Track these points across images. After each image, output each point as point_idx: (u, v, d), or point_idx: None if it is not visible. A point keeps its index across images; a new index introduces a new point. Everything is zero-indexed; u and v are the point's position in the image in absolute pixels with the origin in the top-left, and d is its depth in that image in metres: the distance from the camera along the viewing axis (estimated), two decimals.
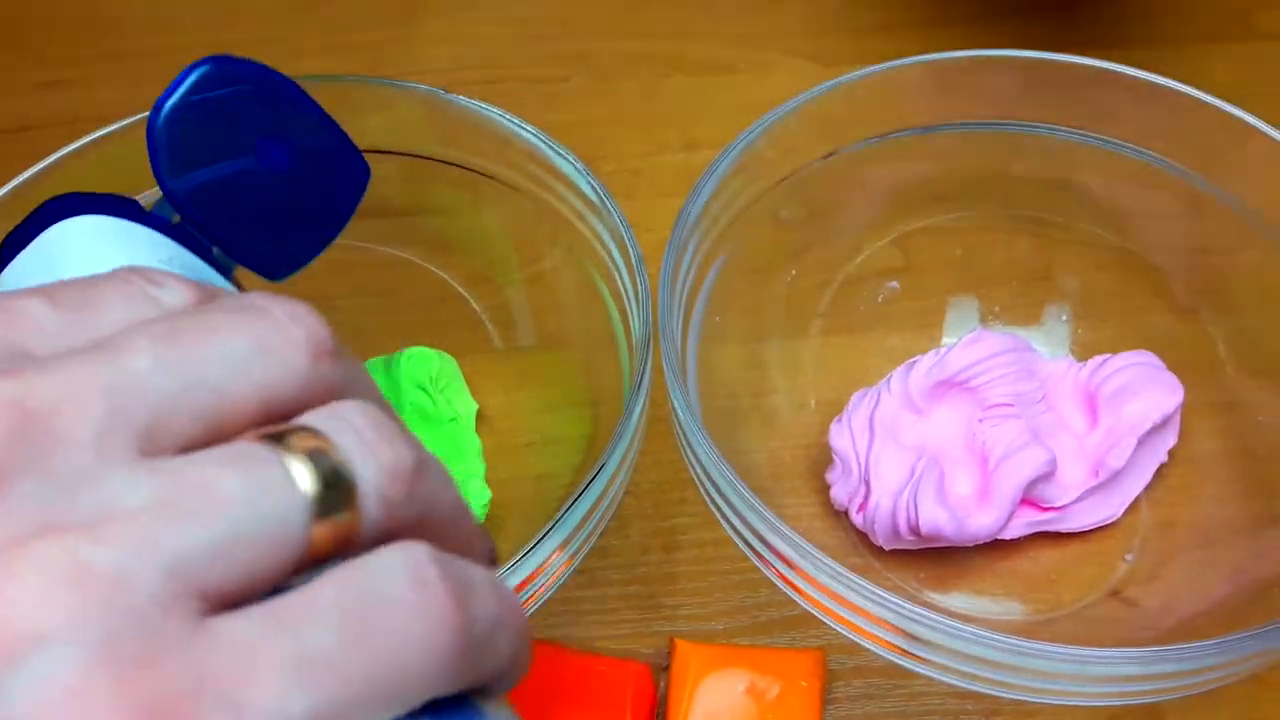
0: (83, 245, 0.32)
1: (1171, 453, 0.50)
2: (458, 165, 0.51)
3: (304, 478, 0.19)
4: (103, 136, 0.47)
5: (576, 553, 0.40)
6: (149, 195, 0.36)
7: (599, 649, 0.46)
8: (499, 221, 0.52)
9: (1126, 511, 0.49)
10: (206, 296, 0.22)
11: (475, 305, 0.54)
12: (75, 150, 0.47)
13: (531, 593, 0.39)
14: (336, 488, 0.19)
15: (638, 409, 0.41)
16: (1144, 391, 0.49)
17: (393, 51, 0.68)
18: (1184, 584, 0.47)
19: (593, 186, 0.46)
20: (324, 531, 0.19)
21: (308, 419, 0.20)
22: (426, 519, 0.21)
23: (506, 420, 0.52)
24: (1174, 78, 0.51)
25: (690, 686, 0.44)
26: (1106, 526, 0.49)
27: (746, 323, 0.52)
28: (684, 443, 0.42)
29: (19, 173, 0.46)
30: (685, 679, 0.44)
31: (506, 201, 0.51)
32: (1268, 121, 0.49)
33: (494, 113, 0.49)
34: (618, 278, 0.47)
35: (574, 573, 0.41)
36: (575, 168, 0.47)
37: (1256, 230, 0.51)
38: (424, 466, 0.21)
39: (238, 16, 0.70)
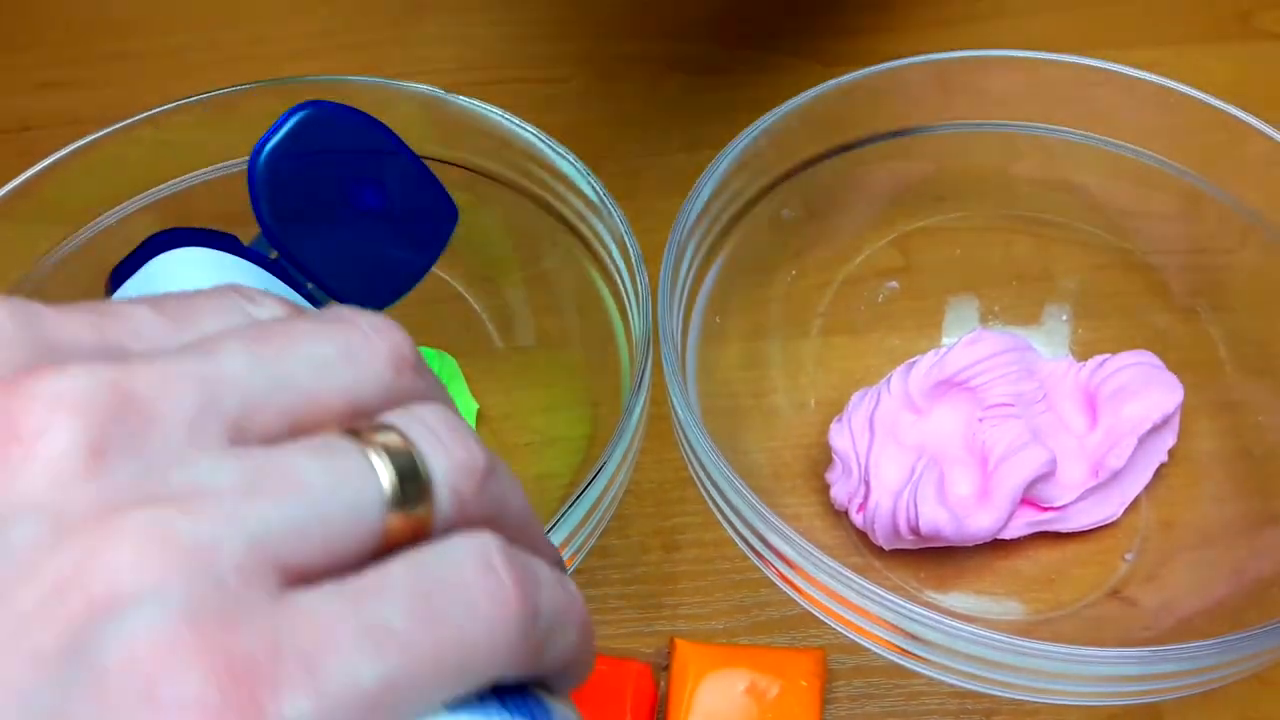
0: (185, 274, 0.34)
1: (1171, 453, 0.50)
2: (458, 165, 0.51)
3: (382, 470, 0.20)
4: (103, 136, 0.47)
5: (576, 553, 0.40)
6: (223, 226, 0.36)
7: (599, 649, 0.46)
8: (499, 221, 0.52)
9: (1126, 511, 0.49)
10: (297, 313, 0.23)
11: (475, 305, 0.54)
12: (75, 150, 0.47)
13: None
14: (413, 482, 0.20)
15: (638, 409, 0.41)
16: (1144, 391, 0.49)
17: (393, 51, 0.68)
18: (1184, 584, 0.47)
19: (593, 187, 0.46)
20: (399, 522, 0.20)
21: (387, 417, 0.21)
22: (496, 518, 0.22)
23: (506, 420, 0.52)
24: (1174, 78, 0.51)
25: (690, 686, 0.44)
26: (1106, 526, 0.49)
27: (746, 323, 0.52)
28: (684, 442, 0.42)
29: (19, 173, 0.46)
30: (685, 679, 0.44)
31: (506, 201, 0.51)
32: (1268, 121, 0.49)
33: (494, 113, 0.49)
34: (618, 278, 0.47)
35: (574, 573, 0.41)
36: (575, 168, 0.47)
37: (1256, 230, 0.51)
38: (495, 469, 0.22)
39: (238, 16, 0.70)
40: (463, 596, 0.20)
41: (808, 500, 0.50)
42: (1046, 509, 0.49)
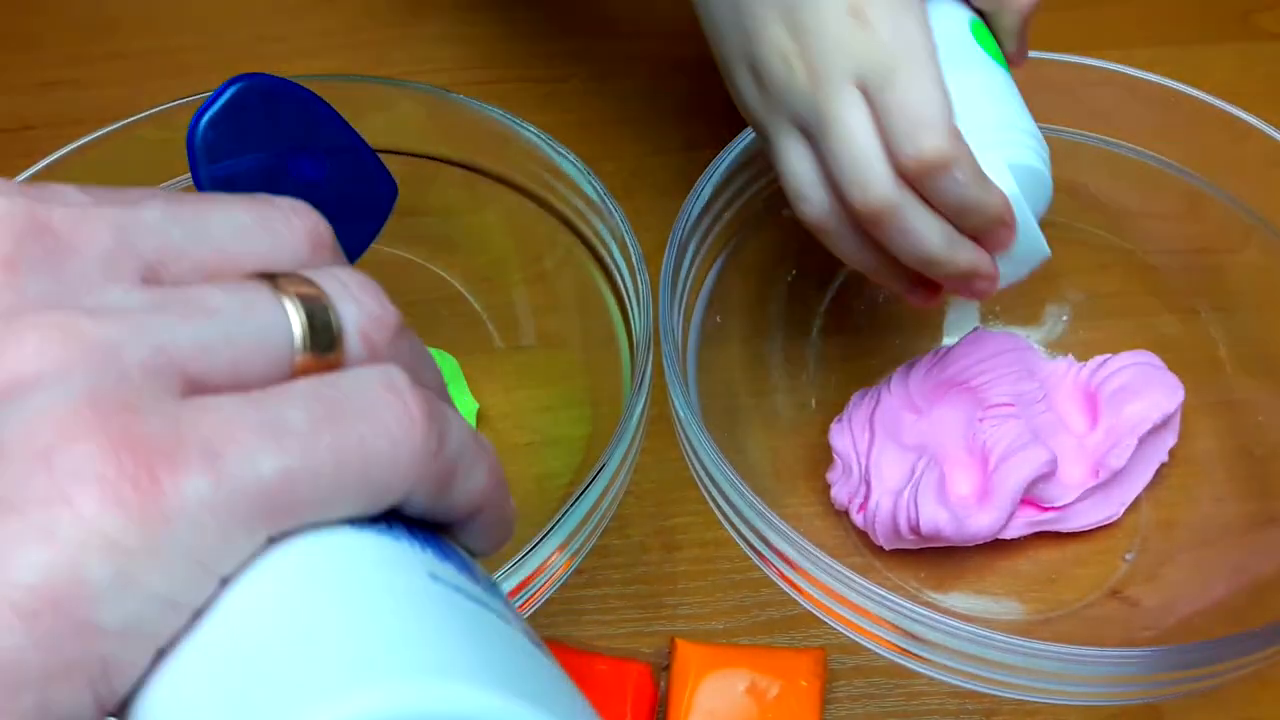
0: None
1: (1171, 453, 0.50)
2: (459, 165, 0.51)
3: (294, 314, 0.21)
4: (103, 136, 0.47)
5: (577, 553, 0.40)
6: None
7: (599, 649, 0.46)
8: (499, 221, 0.52)
9: (1126, 511, 0.49)
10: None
11: (475, 305, 0.54)
12: (75, 150, 0.47)
13: (531, 593, 0.39)
14: (324, 329, 0.21)
15: (638, 409, 0.41)
16: (1144, 391, 0.49)
17: (393, 51, 0.68)
18: (1184, 584, 0.47)
19: (593, 186, 0.46)
20: (309, 361, 0.21)
21: (303, 273, 0.22)
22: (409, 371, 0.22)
23: (506, 420, 0.52)
24: (1174, 78, 0.51)
25: (690, 686, 0.44)
26: (1106, 526, 0.49)
27: (746, 322, 0.52)
28: (684, 442, 0.42)
29: (19, 172, 0.46)
30: (685, 679, 0.44)
31: (507, 201, 0.51)
32: (1268, 121, 0.49)
33: (495, 112, 0.49)
34: (618, 277, 0.47)
35: (574, 573, 0.41)
36: (576, 167, 0.47)
37: (1256, 230, 0.51)
38: (407, 331, 0.23)
39: (238, 17, 0.70)
40: (367, 410, 0.20)
41: (808, 500, 0.50)
42: (1047, 509, 0.49)
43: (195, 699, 0.18)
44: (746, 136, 0.49)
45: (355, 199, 0.40)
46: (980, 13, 0.43)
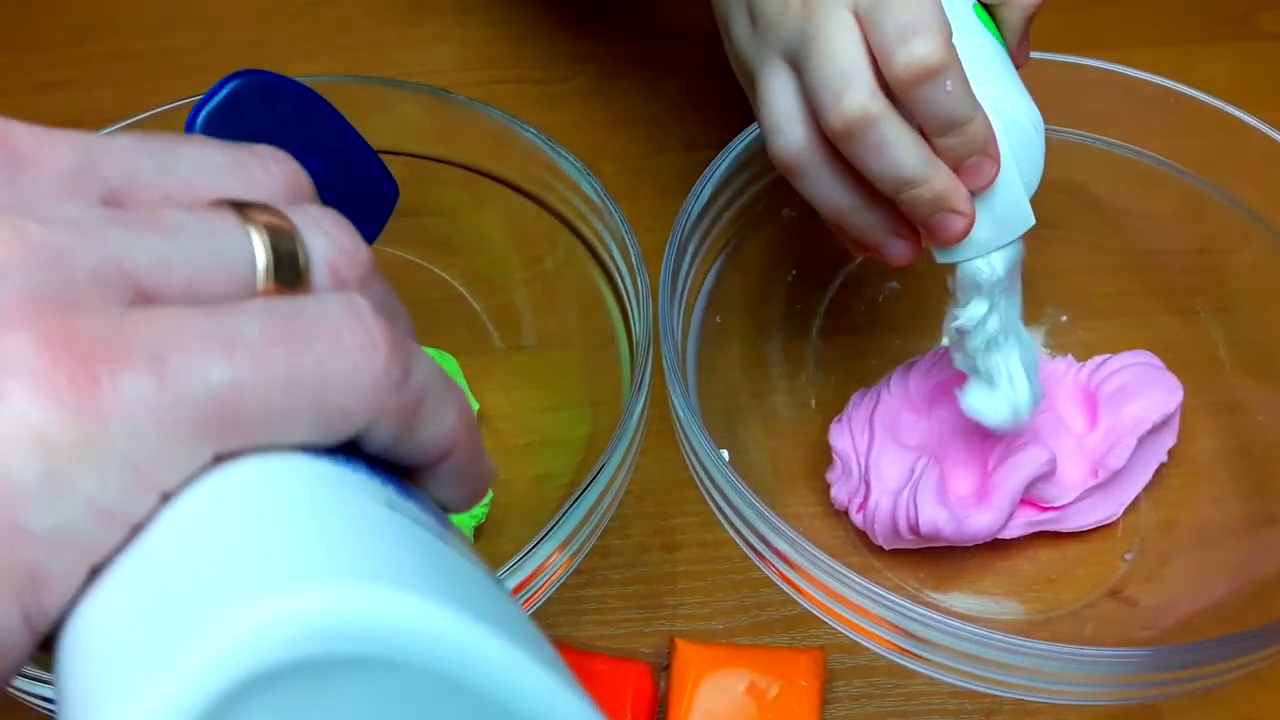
0: None
1: (1171, 453, 0.50)
2: (459, 165, 0.51)
3: (259, 244, 0.20)
4: None
5: (576, 553, 0.40)
6: None
7: (599, 649, 0.46)
8: (499, 221, 0.52)
9: (1126, 511, 0.49)
10: None
11: (475, 305, 0.54)
12: None
13: (531, 593, 0.39)
14: (289, 261, 0.20)
15: (638, 409, 0.41)
16: (1144, 391, 0.49)
17: (393, 52, 0.68)
18: (1184, 584, 0.47)
19: (593, 187, 0.46)
20: (271, 291, 0.20)
21: (273, 204, 0.21)
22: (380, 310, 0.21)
23: (506, 420, 0.52)
24: (1174, 78, 0.51)
25: (690, 686, 0.44)
26: (1106, 526, 0.49)
27: (746, 323, 0.52)
28: (684, 442, 0.42)
29: None
30: (685, 679, 0.44)
31: (507, 201, 0.51)
32: (1267, 121, 0.49)
33: (495, 113, 0.49)
34: (618, 278, 0.47)
35: (574, 573, 0.41)
36: (576, 168, 0.47)
37: (1256, 230, 0.51)
38: (380, 277, 0.22)
39: (238, 17, 0.70)
40: (326, 331, 0.19)
41: (808, 500, 0.50)
42: (1046, 509, 0.49)
43: (122, 616, 0.17)
44: (746, 137, 0.49)
45: (356, 200, 0.40)
46: (986, 5, 0.43)
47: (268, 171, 0.21)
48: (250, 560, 0.17)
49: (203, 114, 0.34)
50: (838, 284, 0.55)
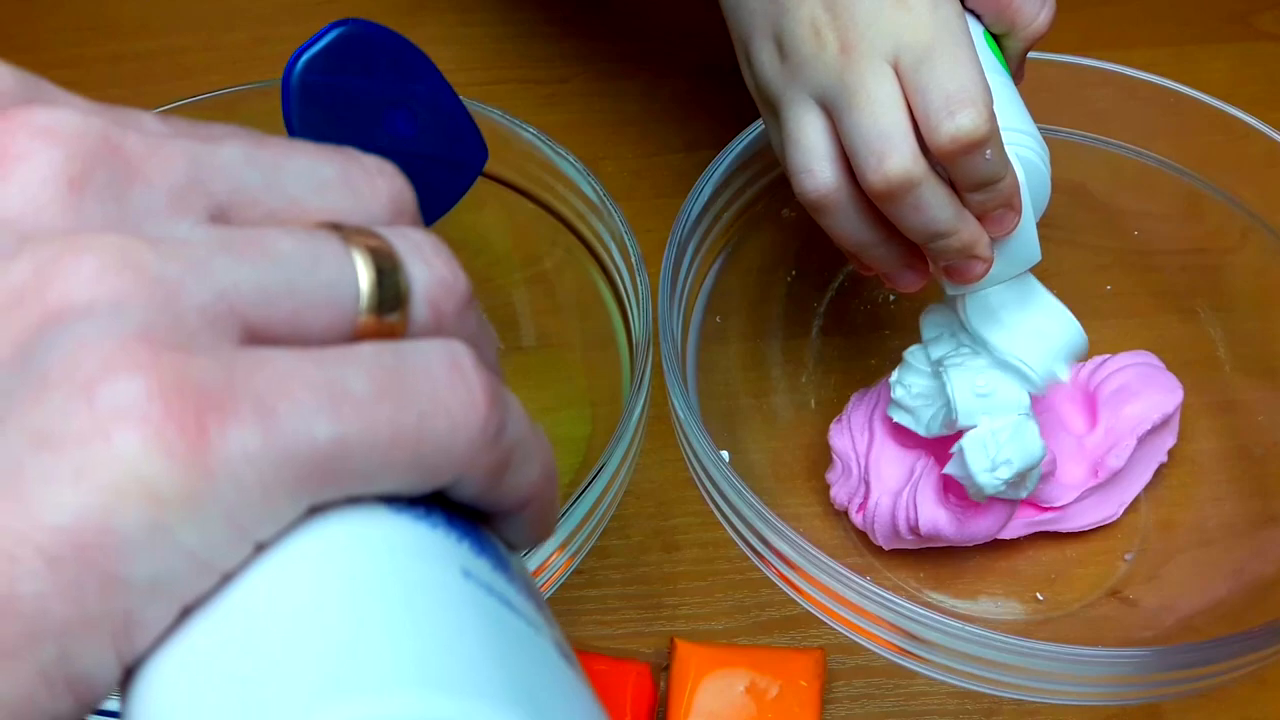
0: None
1: (1171, 453, 0.50)
2: None
3: (362, 268, 0.19)
4: None
5: (576, 553, 0.40)
6: None
7: (599, 649, 0.46)
8: (499, 222, 0.52)
9: (1126, 511, 0.49)
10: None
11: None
12: None
13: None
14: (391, 287, 0.20)
15: (638, 409, 0.41)
16: (1144, 392, 0.49)
17: None
18: (1184, 584, 0.47)
19: (593, 187, 0.46)
20: (372, 323, 0.19)
21: (377, 230, 0.21)
22: (473, 346, 0.21)
23: None
24: (1174, 78, 0.51)
25: (690, 686, 0.44)
26: (1106, 526, 0.49)
27: (746, 322, 0.52)
28: (684, 442, 0.42)
29: None
30: (685, 679, 0.44)
31: (507, 202, 0.51)
32: (1267, 121, 0.49)
33: (494, 113, 0.49)
34: (618, 278, 0.47)
35: (574, 573, 0.41)
36: (575, 168, 0.47)
37: (1256, 230, 0.51)
38: (474, 303, 0.22)
39: (238, 17, 0.70)
40: (429, 385, 0.19)
41: (808, 500, 0.50)
42: (1046, 509, 0.49)
43: (202, 669, 0.17)
44: (746, 137, 0.49)
45: (443, 160, 0.39)
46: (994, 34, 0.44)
47: (374, 188, 0.21)
48: (337, 650, 0.17)
49: (303, 59, 0.33)
50: (838, 284, 0.55)
